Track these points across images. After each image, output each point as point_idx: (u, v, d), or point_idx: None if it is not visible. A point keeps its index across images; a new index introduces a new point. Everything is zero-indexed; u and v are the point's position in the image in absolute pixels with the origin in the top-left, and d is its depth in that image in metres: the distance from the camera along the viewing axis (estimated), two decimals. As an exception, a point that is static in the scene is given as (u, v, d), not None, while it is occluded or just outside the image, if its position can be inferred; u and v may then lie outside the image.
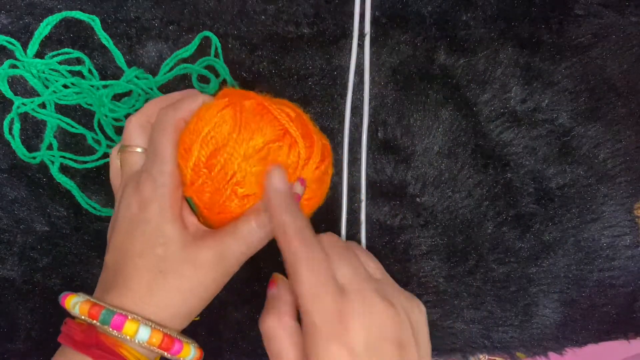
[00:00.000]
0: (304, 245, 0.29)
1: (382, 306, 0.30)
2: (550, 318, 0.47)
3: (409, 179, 0.46)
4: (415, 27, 0.46)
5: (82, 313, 0.30)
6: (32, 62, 0.43)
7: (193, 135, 0.33)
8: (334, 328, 0.28)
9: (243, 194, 0.33)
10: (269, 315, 0.32)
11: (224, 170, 0.33)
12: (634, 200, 0.47)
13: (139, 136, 0.36)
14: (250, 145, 0.33)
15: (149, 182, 0.33)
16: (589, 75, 0.47)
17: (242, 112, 0.33)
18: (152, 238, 0.32)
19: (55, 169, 0.43)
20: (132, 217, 0.33)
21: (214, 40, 0.44)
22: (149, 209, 0.32)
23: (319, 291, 0.28)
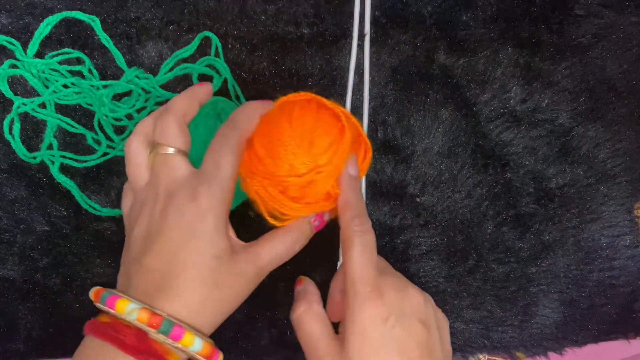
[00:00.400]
0: (360, 226, 0.34)
1: (414, 291, 0.34)
2: (550, 318, 0.47)
3: (408, 179, 0.46)
4: (415, 27, 0.46)
5: (140, 321, 0.31)
6: (32, 62, 0.43)
7: (280, 145, 0.35)
8: (372, 294, 0.32)
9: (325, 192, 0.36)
10: (299, 304, 0.36)
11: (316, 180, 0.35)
12: (634, 200, 0.47)
13: (179, 137, 0.35)
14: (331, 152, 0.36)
15: (208, 194, 0.33)
16: (589, 75, 0.47)
17: (317, 119, 0.36)
18: (207, 250, 0.33)
19: (55, 169, 0.43)
20: (187, 226, 0.33)
21: (214, 40, 0.44)
22: (206, 221, 0.33)
23: (365, 266, 0.33)
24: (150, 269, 0.33)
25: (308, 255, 0.45)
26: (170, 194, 0.33)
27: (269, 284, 0.45)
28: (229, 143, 0.34)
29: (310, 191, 0.35)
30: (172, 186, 0.34)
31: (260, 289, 0.45)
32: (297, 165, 0.35)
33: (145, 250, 0.33)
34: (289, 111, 0.36)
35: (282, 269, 0.45)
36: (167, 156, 0.34)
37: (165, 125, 0.35)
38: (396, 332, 0.32)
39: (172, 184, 0.34)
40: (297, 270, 0.45)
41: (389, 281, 0.34)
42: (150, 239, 0.33)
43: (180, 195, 0.33)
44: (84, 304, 0.44)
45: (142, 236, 0.34)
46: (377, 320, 0.32)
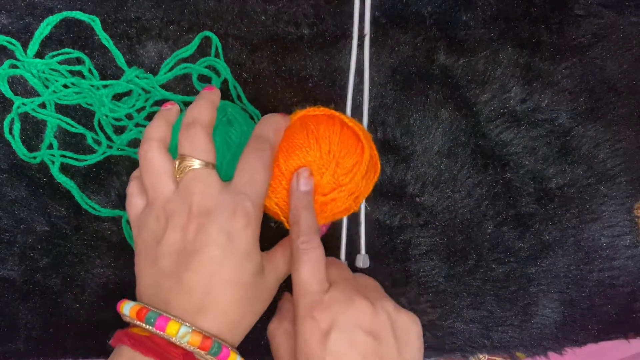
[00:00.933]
0: (306, 243, 0.34)
1: (361, 301, 0.33)
2: (550, 318, 0.47)
3: (408, 179, 0.46)
4: (415, 27, 0.46)
5: (192, 344, 0.31)
6: (32, 62, 0.43)
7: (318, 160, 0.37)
8: (312, 311, 0.33)
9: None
10: (273, 320, 0.38)
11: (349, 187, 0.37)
12: (634, 200, 0.47)
13: (210, 150, 0.35)
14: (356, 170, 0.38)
15: (246, 212, 0.33)
16: (589, 75, 0.47)
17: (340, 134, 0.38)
18: (247, 268, 0.33)
19: (55, 169, 0.43)
20: (228, 244, 0.33)
21: (215, 40, 0.44)
22: (245, 238, 0.33)
23: (308, 282, 0.34)
24: (191, 286, 0.32)
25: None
26: (207, 211, 0.33)
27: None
28: (262, 159, 0.35)
29: (331, 207, 0.37)
30: (208, 203, 0.33)
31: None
32: (322, 184, 0.37)
33: (184, 266, 0.33)
34: (313, 129, 0.37)
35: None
36: (199, 171, 0.34)
37: (196, 138, 0.35)
38: (337, 348, 0.32)
39: (208, 201, 0.33)
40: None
41: (334, 294, 0.33)
42: (187, 255, 0.33)
43: (218, 212, 0.33)
44: (84, 304, 0.44)
45: (176, 251, 0.33)
46: (318, 337, 0.32)
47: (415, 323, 0.35)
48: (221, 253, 0.32)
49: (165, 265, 0.33)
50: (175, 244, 0.33)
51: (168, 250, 0.33)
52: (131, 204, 0.37)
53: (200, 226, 0.33)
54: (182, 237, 0.33)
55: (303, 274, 0.34)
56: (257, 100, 0.45)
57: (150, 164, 0.35)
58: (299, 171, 0.36)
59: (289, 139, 0.37)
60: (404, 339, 0.34)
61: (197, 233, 0.33)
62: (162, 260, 0.33)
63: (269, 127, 0.36)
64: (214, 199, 0.34)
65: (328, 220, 0.40)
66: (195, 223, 0.33)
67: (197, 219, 0.33)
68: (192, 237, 0.33)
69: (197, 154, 0.35)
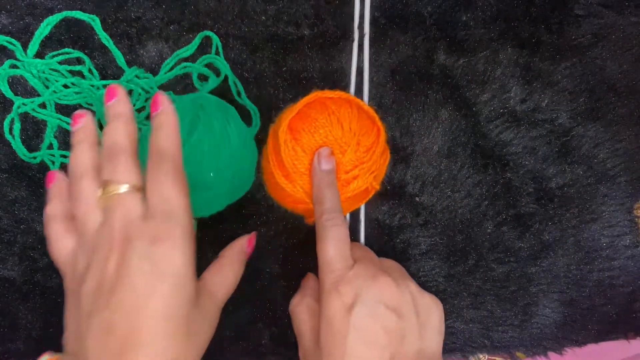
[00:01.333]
0: (330, 220, 0.35)
1: (384, 278, 0.34)
2: (550, 318, 0.47)
3: (408, 179, 0.46)
4: (415, 28, 0.46)
5: None
6: (32, 62, 0.43)
7: (342, 138, 0.38)
8: (336, 285, 0.33)
9: None
10: (295, 296, 0.38)
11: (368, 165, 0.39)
12: (633, 200, 0.47)
13: (132, 172, 0.32)
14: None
15: (169, 235, 0.30)
16: (589, 75, 0.47)
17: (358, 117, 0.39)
18: (179, 296, 0.30)
19: (56, 169, 0.43)
20: (153, 272, 0.30)
21: (215, 40, 0.44)
22: (173, 263, 0.30)
23: (333, 259, 0.34)
24: (112, 325, 0.28)
25: (309, 255, 0.45)
26: (128, 238, 0.30)
27: (269, 284, 0.45)
28: (169, 174, 0.31)
29: (353, 186, 0.38)
30: (130, 229, 0.30)
31: (261, 289, 0.45)
32: (344, 162, 0.38)
33: (103, 304, 0.29)
34: (335, 110, 0.39)
35: (282, 269, 0.45)
36: (123, 196, 0.31)
37: (117, 162, 0.32)
38: (360, 321, 0.32)
39: (129, 227, 0.30)
40: (298, 270, 0.45)
41: (358, 270, 0.34)
42: (107, 291, 0.29)
43: (139, 238, 0.30)
44: (84, 303, 0.44)
45: (95, 289, 0.29)
46: (342, 310, 0.33)
47: (437, 305, 0.36)
48: (145, 283, 0.29)
49: (85, 305, 0.29)
50: (98, 281, 0.29)
51: (90, 289, 0.30)
52: (58, 248, 0.33)
53: (122, 257, 0.29)
54: (103, 272, 0.29)
55: (328, 251, 0.34)
56: (258, 100, 0.45)
57: (79, 196, 0.32)
58: (320, 151, 0.37)
59: (310, 120, 0.38)
60: (426, 319, 0.35)
61: (118, 265, 0.29)
62: (82, 300, 0.30)
63: (164, 137, 0.33)
64: (134, 224, 0.30)
65: (351, 206, 0.41)
66: (117, 254, 0.30)
67: (119, 249, 0.30)
68: (112, 270, 0.29)
69: (120, 177, 0.31)
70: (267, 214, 0.45)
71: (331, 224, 0.35)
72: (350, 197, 0.39)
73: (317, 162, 0.37)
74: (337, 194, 0.37)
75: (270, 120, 0.45)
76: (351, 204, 0.41)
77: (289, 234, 0.45)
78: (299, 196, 0.38)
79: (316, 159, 0.37)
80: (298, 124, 0.38)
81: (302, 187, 0.38)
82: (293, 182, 0.38)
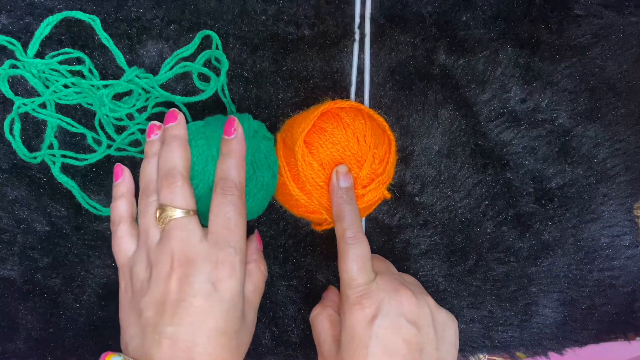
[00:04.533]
0: (352, 237, 0.36)
1: (405, 292, 0.36)
2: (550, 318, 0.47)
3: (408, 179, 0.46)
4: (415, 27, 0.46)
5: None
6: (32, 62, 0.43)
7: (362, 150, 0.38)
8: (360, 299, 0.35)
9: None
10: (316, 307, 0.40)
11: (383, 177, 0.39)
12: (633, 200, 0.47)
13: (189, 197, 0.36)
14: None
15: (230, 262, 0.34)
16: (589, 75, 0.47)
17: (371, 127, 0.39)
18: (233, 315, 0.35)
19: (56, 169, 0.43)
20: (212, 293, 0.34)
21: (215, 39, 0.44)
22: (230, 286, 0.34)
23: (356, 274, 0.35)
24: (175, 338, 0.32)
25: (309, 255, 0.45)
26: (189, 260, 0.33)
27: (269, 284, 0.45)
28: (233, 203, 0.35)
29: (368, 198, 0.39)
30: (190, 253, 0.34)
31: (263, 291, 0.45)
32: (362, 176, 0.38)
33: (168, 318, 0.33)
34: (349, 122, 0.38)
35: (283, 269, 0.45)
36: (180, 220, 0.35)
37: (175, 187, 0.35)
38: (382, 332, 0.34)
39: (190, 251, 0.34)
40: (298, 270, 0.45)
41: (380, 284, 0.36)
42: (170, 307, 0.33)
43: (200, 261, 0.33)
44: (84, 303, 0.44)
45: (160, 302, 0.33)
46: (364, 322, 0.34)
47: (453, 321, 0.38)
48: (206, 303, 0.33)
49: (149, 316, 0.33)
50: (161, 295, 0.33)
51: (152, 301, 0.33)
52: (121, 250, 0.37)
53: (184, 277, 0.33)
54: (165, 288, 0.33)
55: (351, 268, 0.36)
56: (258, 100, 0.45)
57: (145, 210, 0.36)
58: (337, 168, 0.38)
59: (326, 134, 0.38)
60: (442, 333, 0.36)
61: (180, 284, 0.33)
62: (147, 311, 0.33)
63: (231, 167, 0.36)
64: (195, 248, 0.34)
65: (362, 215, 0.41)
66: (178, 273, 0.33)
67: (180, 269, 0.33)
68: (175, 288, 0.33)
69: (177, 203, 0.35)
70: (267, 214, 0.45)
71: (353, 240, 0.36)
72: (363, 207, 0.39)
73: (336, 180, 0.38)
74: (357, 210, 0.37)
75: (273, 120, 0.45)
76: (362, 213, 0.41)
77: (289, 234, 0.45)
78: (314, 207, 0.39)
79: (334, 176, 0.38)
80: (313, 138, 0.38)
81: (318, 200, 0.38)
82: (309, 195, 0.38)
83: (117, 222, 0.38)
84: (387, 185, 0.40)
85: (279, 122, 0.45)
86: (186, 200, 0.35)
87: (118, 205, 0.39)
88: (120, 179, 0.40)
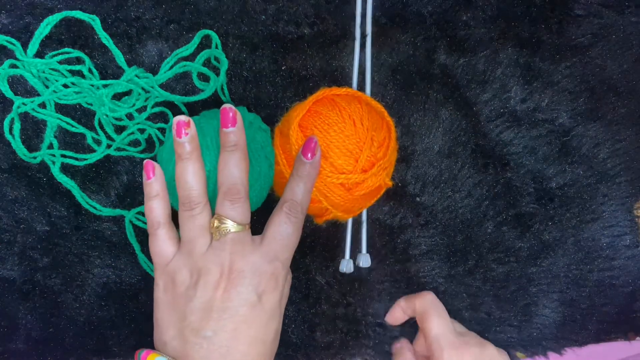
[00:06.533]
0: (433, 302, 0.42)
1: (490, 346, 0.41)
2: (550, 318, 0.47)
3: (408, 179, 0.46)
4: (415, 27, 0.46)
5: None
6: (32, 62, 0.43)
7: (362, 137, 0.37)
8: (454, 353, 0.39)
9: None
10: (399, 358, 0.43)
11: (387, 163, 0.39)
12: (634, 200, 0.47)
13: (247, 212, 0.36)
14: None
15: (276, 276, 0.36)
16: (589, 75, 0.47)
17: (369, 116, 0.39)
18: (272, 326, 0.36)
19: (56, 169, 0.43)
20: (255, 304, 0.35)
21: (215, 38, 0.44)
22: (272, 299, 0.35)
23: (446, 330, 0.40)
24: (216, 344, 0.33)
25: (310, 257, 0.45)
26: (238, 271, 0.34)
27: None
28: (295, 225, 0.36)
29: (366, 184, 0.38)
30: (242, 263, 0.35)
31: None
32: (362, 160, 0.37)
33: (213, 325, 0.34)
34: (345, 107, 0.38)
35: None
36: (237, 235, 0.35)
37: (237, 203, 0.35)
38: None
39: (241, 261, 0.35)
40: (298, 270, 0.45)
41: (469, 340, 0.40)
42: (215, 313, 0.34)
43: (251, 274, 0.35)
44: (84, 304, 0.44)
45: (207, 308, 0.34)
46: None
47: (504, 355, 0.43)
48: (250, 313, 0.34)
49: (194, 321, 0.34)
50: (207, 302, 0.34)
51: (199, 307, 0.34)
52: (160, 252, 0.37)
53: (233, 286, 0.34)
54: (213, 296, 0.34)
55: (440, 324, 0.40)
56: (258, 99, 0.45)
57: (192, 220, 0.36)
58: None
59: (321, 117, 0.37)
60: None
61: (228, 292, 0.34)
62: (191, 316, 0.34)
63: (301, 192, 0.36)
64: (247, 260, 0.35)
65: (364, 204, 0.41)
66: (227, 282, 0.34)
67: (229, 279, 0.34)
68: (223, 296, 0.34)
69: (237, 218, 0.35)
70: (267, 214, 0.45)
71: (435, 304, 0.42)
72: (365, 194, 0.38)
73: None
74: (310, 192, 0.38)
75: (272, 119, 0.45)
76: (364, 202, 0.40)
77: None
78: (312, 195, 0.38)
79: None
80: (309, 122, 0.38)
81: (315, 186, 0.37)
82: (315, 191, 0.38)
83: (156, 225, 0.37)
84: (388, 172, 0.39)
85: (279, 121, 0.45)
86: (245, 216, 0.36)
87: (154, 206, 0.37)
88: (152, 177, 0.38)
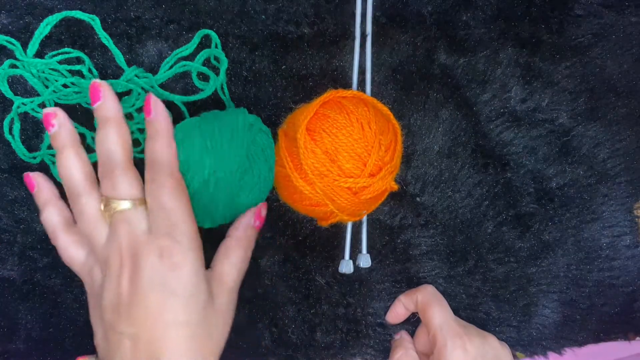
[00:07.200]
0: (434, 293, 0.42)
1: (492, 337, 0.41)
2: (550, 318, 0.47)
3: (408, 179, 0.46)
4: (415, 27, 0.46)
5: None
6: (32, 62, 0.43)
7: (367, 141, 0.37)
8: (461, 341, 0.39)
9: None
10: (398, 350, 0.42)
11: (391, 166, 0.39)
12: (634, 200, 0.47)
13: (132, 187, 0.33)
14: None
15: (175, 245, 0.32)
16: (589, 75, 0.47)
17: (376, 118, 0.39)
18: (192, 304, 0.32)
19: (56, 169, 0.43)
20: (164, 285, 0.31)
21: (214, 38, 0.44)
22: (183, 273, 0.32)
23: (449, 319, 0.40)
24: (134, 337, 0.31)
25: (310, 257, 0.45)
26: (136, 254, 0.32)
27: (270, 284, 0.45)
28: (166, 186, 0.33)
29: (373, 188, 0.37)
30: (137, 245, 0.32)
31: (261, 289, 0.45)
32: (370, 164, 0.37)
33: (123, 320, 0.31)
34: (353, 109, 0.38)
35: (283, 269, 0.45)
36: (124, 213, 0.32)
37: (114, 177, 0.33)
38: None
39: (136, 243, 0.32)
40: (298, 270, 0.45)
41: (471, 331, 0.40)
42: (125, 306, 0.31)
43: (144, 254, 0.31)
44: (84, 303, 0.44)
45: (113, 303, 0.32)
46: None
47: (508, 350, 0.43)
48: (158, 297, 0.31)
49: (108, 318, 0.32)
50: (115, 296, 0.32)
51: (108, 303, 0.32)
52: (70, 257, 0.35)
53: (134, 272, 0.32)
54: (118, 287, 0.32)
55: (442, 315, 0.41)
56: (258, 99, 0.45)
57: (81, 213, 0.34)
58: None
59: (329, 120, 0.37)
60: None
61: (131, 280, 0.31)
62: (106, 313, 0.32)
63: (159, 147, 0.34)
64: (142, 240, 0.32)
65: (369, 208, 0.40)
66: (128, 270, 0.32)
67: (129, 266, 0.32)
68: (126, 286, 0.32)
69: (120, 193, 0.33)
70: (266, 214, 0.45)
71: (436, 295, 0.43)
72: (370, 198, 0.38)
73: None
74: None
75: (272, 119, 0.45)
76: (369, 205, 0.40)
77: (288, 234, 0.45)
78: (318, 198, 0.37)
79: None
80: (316, 125, 0.37)
81: (321, 189, 0.37)
82: (312, 185, 0.37)
83: (55, 233, 0.35)
84: (394, 176, 0.39)
85: (279, 120, 0.45)
86: (131, 189, 0.33)
87: (47, 215, 0.35)
88: (35, 188, 0.36)
